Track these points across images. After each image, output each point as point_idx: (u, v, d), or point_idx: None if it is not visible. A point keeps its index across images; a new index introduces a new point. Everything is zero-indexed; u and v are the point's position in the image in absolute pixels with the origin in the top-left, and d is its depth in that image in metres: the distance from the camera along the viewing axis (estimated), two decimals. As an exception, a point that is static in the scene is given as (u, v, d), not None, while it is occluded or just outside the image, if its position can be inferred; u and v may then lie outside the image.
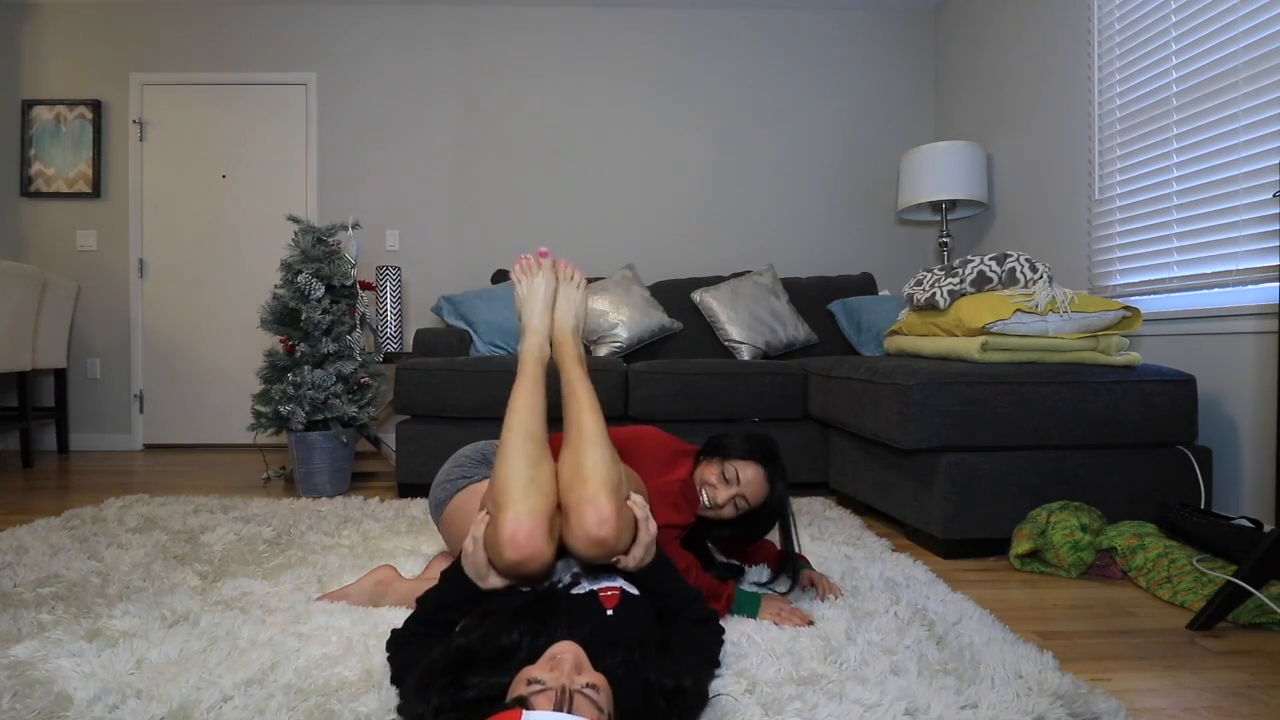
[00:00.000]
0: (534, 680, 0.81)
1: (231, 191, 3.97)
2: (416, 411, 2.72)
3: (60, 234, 3.92)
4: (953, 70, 3.86)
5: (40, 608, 1.43)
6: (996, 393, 1.92)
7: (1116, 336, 2.03)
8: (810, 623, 1.38)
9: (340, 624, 1.34)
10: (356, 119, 3.97)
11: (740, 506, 1.46)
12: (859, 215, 4.05)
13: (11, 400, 3.85)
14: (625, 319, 3.24)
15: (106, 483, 2.96)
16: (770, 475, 1.46)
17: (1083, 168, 2.82)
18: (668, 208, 4.02)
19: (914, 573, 1.70)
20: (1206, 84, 2.21)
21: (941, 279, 2.24)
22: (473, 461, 1.53)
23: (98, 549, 1.85)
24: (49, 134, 3.90)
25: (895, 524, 2.29)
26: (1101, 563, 1.77)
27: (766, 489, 1.46)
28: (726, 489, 1.45)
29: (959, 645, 1.26)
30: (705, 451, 1.53)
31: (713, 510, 1.47)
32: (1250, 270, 2.07)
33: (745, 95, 4.03)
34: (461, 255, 3.98)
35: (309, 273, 2.74)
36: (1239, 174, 2.10)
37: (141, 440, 3.97)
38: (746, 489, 1.45)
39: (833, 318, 3.42)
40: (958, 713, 1.03)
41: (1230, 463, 2.12)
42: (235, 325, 3.94)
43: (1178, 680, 1.21)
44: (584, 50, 4.01)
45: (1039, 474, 1.93)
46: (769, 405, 2.73)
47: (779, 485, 1.47)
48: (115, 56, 3.93)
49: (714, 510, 1.47)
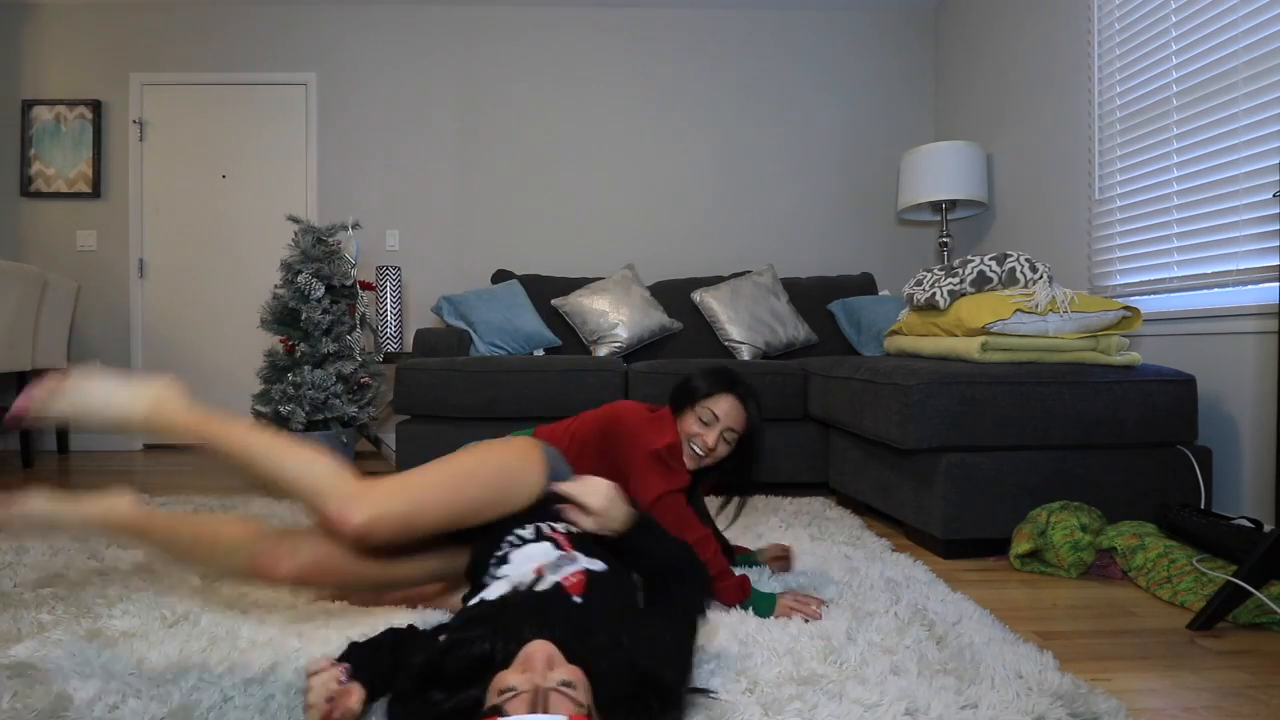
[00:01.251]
0: (507, 688, 0.79)
1: (231, 191, 3.97)
2: (416, 411, 2.72)
3: (60, 234, 3.92)
4: (953, 70, 3.86)
5: (40, 608, 1.43)
6: (996, 393, 1.92)
7: (1116, 336, 2.03)
8: (823, 603, 1.44)
9: (341, 623, 1.34)
10: (356, 119, 3.97)
11: (729, 439, 1.49)
12: (859, 215, 4.05)
13: (11, 400, 3.85)
14: (625, 319, 3.24)
15: (106, 483, 2.94)
16: (742, 398, 1.49)
17: (1083, 168, 2.82)
18: (668, 208, 4.02)
19: (914, 573, 1.70)
20: (1206, 84, 2.21)
21: (941, 279, 2.24)
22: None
23: (98, 549, 1.85)
24: (49, 134, 3.90)
25: (895, 524, 2.29)
26: (1101, 563, 1.77)
27: (744, 413, 1.48)
28: (711, 430, 1.46)
29: (959, 645, 1.26)
30: (674, 405, 1.53)
31: (709, 457, 1.48)
32: (1250, 270, 2.07)
33: (745, 95, 4.03)
34: (461, 255, 3.98)
35: (309, 273, 2.74)
36: (1239, 174, 2.10)
37: (142, 440, 3.97)
38: (728, 420, 1.47)
39: (833, 318, 3.42)
40: (958, 713, 1.03)
41: (1230, 463, 2.12)
42: (235, 325, 3.94)
43: (1178, 680, 1.21)
44: (584, 50, 4.01)
45: (1039, 474, 1.93)
46: (769, 405, 2.72)
47: (752, 405, 1.50)
48: (115, 56, 3.93)
49: (711, 456, 1.48)
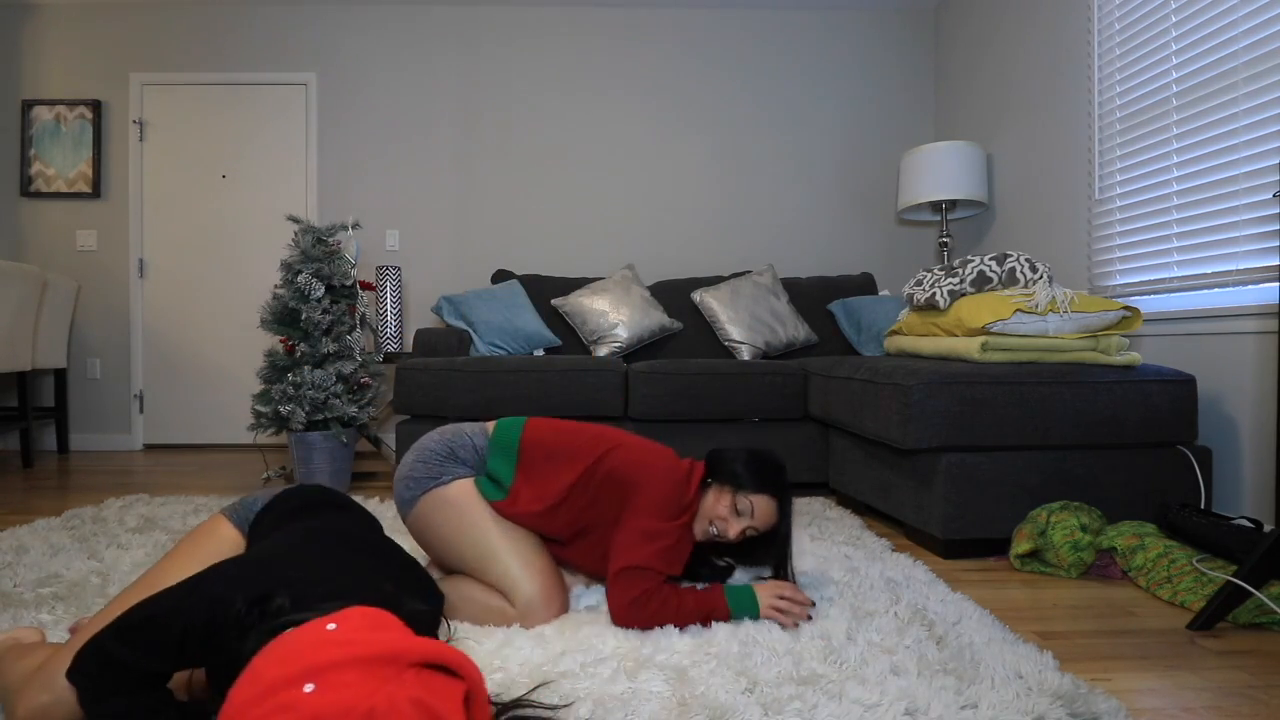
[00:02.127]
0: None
1: (231, 191, 3.97)
2: (416, 411, 2.72)
3: (60, 234, 3.93)
4: (952, 70, 3.87)
5: (40, 608, 1.43)
6: (996, 393, 1.92)
7: (1116, 336, 2.03)
8: (812, 603, 1.39)
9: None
10: (356, 119, 3.97)
11: (748, 535, 1.43)
12: (859, 215, 4.05)
13: (11, 400, 3.86)
14: (625, 319, 3.24)
15: (106, 483, 2.96)
16: (782, 505, 1.43)
17: (1083, 167, 2.82)
18: (668, 208, 4.02)
19: (914, 573, 1.69)
20: (1206, 84, 2.21)
21: (941, 279, 2.24)
22: (440, 457, 1.44)
23: (98, 549, 1.85)
24: (49, 134, 3.90)
25: (895, 524, 2.29)
26: (1101, 563, 1.77)
27: (776, 518, 1.43)
28: (738, 522, 1.40)
29: (959, 645, 1.26)
30: (713, 474, 1.45)
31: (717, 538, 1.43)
32: (1250, 270, 2.07)
33: (745, 95, 4.03)
34: (461, 255, 3.98)
35: (309, 273, 2.74)
36: (1239, 174, 2.10)
37: (141, 440, 3.97)
38: (759, 520, 1.41)
39: (833, 318, 3.42)
40: (958, 713, 1.03)
41: (1230, 463, 2.12)
42: (235, 325, 3.95)
43: (1178, 680, 1.21)
44: (584, 50, 4.01)
45: (1039, 474, 1.93)
46: (769, 405, 2.73)
47: (788, 515, 1.44)
48: (115, 56, 3.93)
49: (718, 537, 1.43)
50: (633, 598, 1.30)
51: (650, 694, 1.08)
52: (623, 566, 1.32)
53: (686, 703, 1.05)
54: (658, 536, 1.35)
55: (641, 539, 1.34)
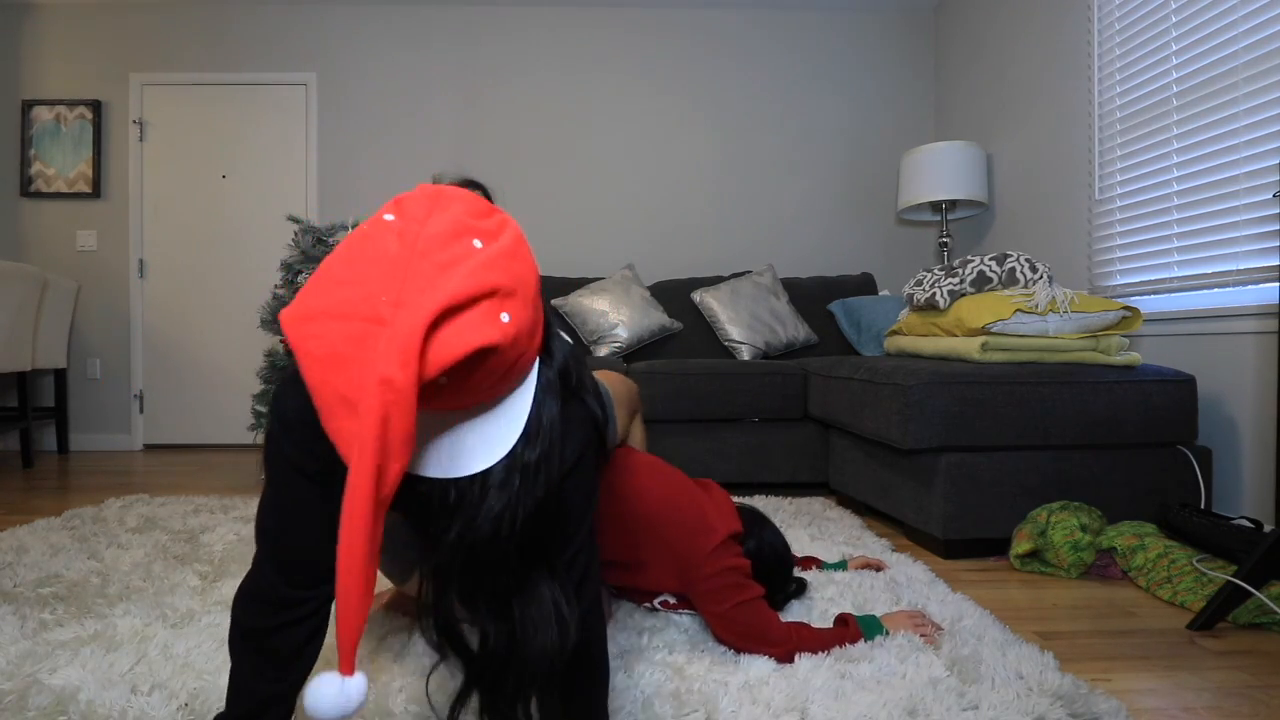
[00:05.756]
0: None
1: (231, 191, 3.97)
2: (416, 411, 2.71)
3: (60, 234, 3.92)
4: (952, 70, 3.86)
5: (41, 608, 1.43)
6: (996, 393, 1.92)
7: (1116, 336, 2.03)
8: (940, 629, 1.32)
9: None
10: (356, 119, 3.97)
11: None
12: (859, 215, 4.05)
13: (11, 400, 3.85)
14: (625, 319, 3.24)
15: (106, 483, 2.96)
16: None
17: (1083, 167, 2.82)
18: (668, 207, 4.02)
19: (914, 573, 1.69)
20: (1206, 84, 2.21)
21: (941, 279, 2.24)
22: None
23: (98, 549, 1.85)
24: (49, 134, 3.90)
25: (895, 524, 2.29)
26: (1101, 563, 1.77)
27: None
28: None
29: (959, 646, 1.26)
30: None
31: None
32: (1250, 270, 2.07)
33: (745, 95, 4.03)
34: (461, 255, 3.97)
35: (309, 273, 2.74)
36: (1239, 174, 2.10)
37: (141, 440, 3.97)
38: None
39: (833, 318, 3.42)
40: (958, 713, 1.03)
41: (1230, 463, 2.12)
42: (235, 325, 3.95)
43: (1178, 680, 1.21)
44: (583, 50, 4.01)
45: (1039, 474, 1.93)
46: (769, 405, 2.73)
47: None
48: (115, 56, 3.93)
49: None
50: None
51: (648, 685, 1.08)
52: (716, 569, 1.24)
53: (682, 698, 1.05)
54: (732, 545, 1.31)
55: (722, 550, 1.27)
